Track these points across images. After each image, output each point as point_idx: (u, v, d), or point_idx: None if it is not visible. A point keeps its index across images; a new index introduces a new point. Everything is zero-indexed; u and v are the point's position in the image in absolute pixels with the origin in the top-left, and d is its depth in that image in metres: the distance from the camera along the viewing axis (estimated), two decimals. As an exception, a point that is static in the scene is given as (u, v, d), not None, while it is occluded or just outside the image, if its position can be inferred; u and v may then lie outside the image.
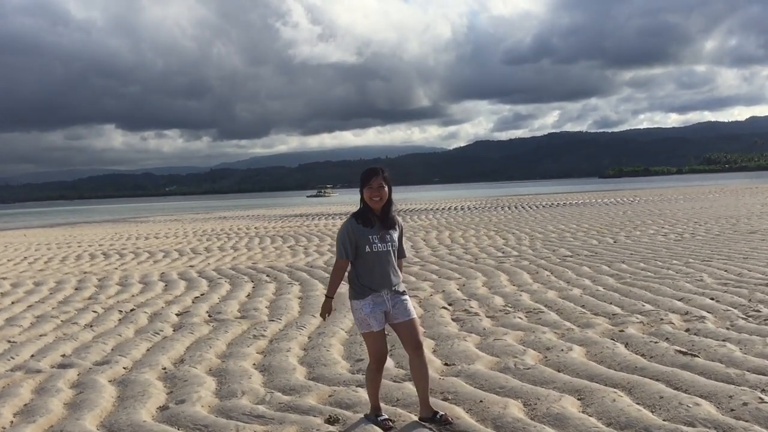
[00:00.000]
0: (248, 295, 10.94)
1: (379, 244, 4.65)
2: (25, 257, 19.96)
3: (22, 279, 14.27)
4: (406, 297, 4.80)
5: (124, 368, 6.74)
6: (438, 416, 4.75)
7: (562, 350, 6.56)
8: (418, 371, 4.75)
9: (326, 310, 4.81)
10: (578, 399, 5.17)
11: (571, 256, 13.98)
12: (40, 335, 8.47)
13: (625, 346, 6.63)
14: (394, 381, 5.83)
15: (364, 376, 6.00)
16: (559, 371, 5.93)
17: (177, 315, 9.48)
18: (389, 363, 6.44)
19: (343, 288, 5.08)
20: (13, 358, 7.27)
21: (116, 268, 15.85)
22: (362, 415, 4.93)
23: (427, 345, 7.06)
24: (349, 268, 4.76)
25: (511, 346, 6.80)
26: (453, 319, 8.40)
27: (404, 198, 78.34)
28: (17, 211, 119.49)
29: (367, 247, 4.62)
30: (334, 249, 17.73)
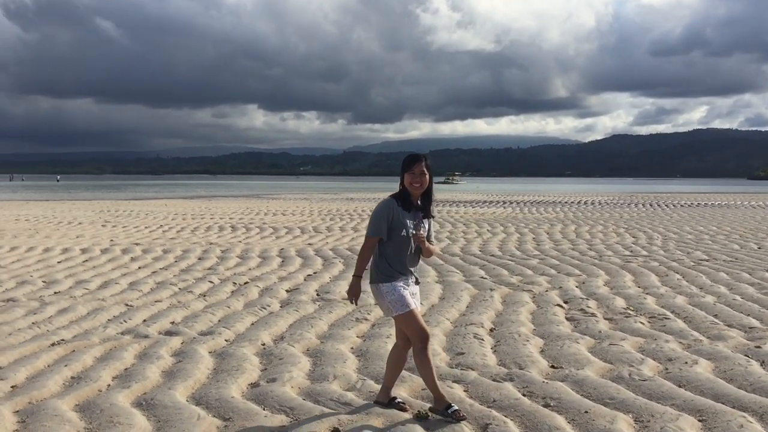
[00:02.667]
0: (359, 277, 10.83)
1: (413, 231, 4.57)
2: (161, 225, 21.05)
3: (153, 246, 14.96)
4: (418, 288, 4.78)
5: (225, 340, 6.77)
6: (396, 402, 4.79)
7: (686, 363, 5.92)
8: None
9: (355, 293, 4.60)
10: (699, 420, 4.59)
11: (707, 260, 12.89)
12: (156, 301, 8.74)
13: (761, 365, 5.89)
14: (494, 380, 5.46)
15: (462, 371, 5.68)
16: (679, 386, 5.33)
17: (287, 291, 9.52)
18: (491, 360, 6.07)
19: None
20: (125, 321, 7.51)
21: (240, 241, 16.32)
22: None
23: (535, 344, 6.62)
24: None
25: (627, 353, 6.22)
26: (567, 318, 7.86)
27: (533, 190, 76.43)
28: (165, 183, 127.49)
29: (404, 231, 4.53)
30: (439, 235, 17.42)
